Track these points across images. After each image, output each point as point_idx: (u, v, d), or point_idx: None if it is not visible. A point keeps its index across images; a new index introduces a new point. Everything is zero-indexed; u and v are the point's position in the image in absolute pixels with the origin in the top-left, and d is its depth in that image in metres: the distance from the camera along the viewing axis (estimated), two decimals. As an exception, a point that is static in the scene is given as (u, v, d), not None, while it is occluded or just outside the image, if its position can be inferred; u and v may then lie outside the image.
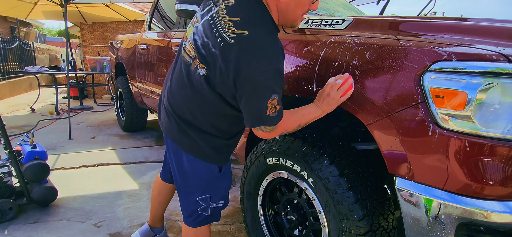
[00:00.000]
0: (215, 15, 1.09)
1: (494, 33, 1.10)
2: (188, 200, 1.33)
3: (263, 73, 1.01)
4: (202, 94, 1.14)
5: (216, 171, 1.30)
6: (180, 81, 1.22)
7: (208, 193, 1.30)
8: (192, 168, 1.27)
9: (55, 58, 12.41)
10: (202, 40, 1.11)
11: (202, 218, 1.35)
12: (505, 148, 0.92)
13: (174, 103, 1.24)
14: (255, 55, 1.00)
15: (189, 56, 1.17)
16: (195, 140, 1.23)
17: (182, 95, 1.21)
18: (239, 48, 1.00)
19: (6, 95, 7.52)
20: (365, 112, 1.17)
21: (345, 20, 1.42)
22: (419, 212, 1.06)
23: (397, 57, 1.09)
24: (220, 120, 1.21)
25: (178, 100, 1.23)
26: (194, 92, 1.16)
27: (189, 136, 1.23)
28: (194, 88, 1.16)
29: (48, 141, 3.97)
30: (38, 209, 2.31)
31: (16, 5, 6.56)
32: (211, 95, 1.13)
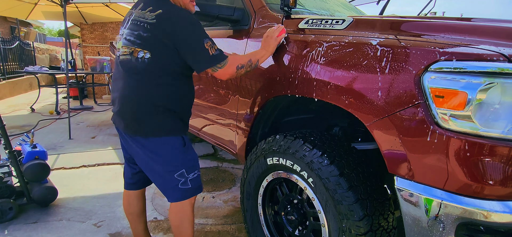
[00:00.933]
0: (134, 17, 1.41)
1: (494, 33, 1.10)
2: (167, 181, 1.48)
3: (186, 26, 1.33)
4: (148, 75, 1.37)
5: (180, 146, 1.47)
6: (122, 81, 1.43)
7: (182, 168, 1.47)
8: (157, 151, 1.44)
9: (55, 58, 12.40)
10: (133, 35, 1.38)
11: (185, 191, 1.50)
12: (505, 148, 0.92)
13: (124, 101, 1.42)
14: (174, 19, 1.32)
15: (126, 55, 1.40)
16: (151, 120, 1.41)
17: (128, 91, 1.41)
18: (161, 21, 1.32)
19: (6, 95, 7.52)
20: (365, 112, 1.17)
21: (345, 20, 1.42)
22: (419, 212, 1.06)
23: (397, 57, 1.09)
24: (167, 95, 1.41)
25: (125, 98, 1.42)
26: (139, 79, 1.38)
27: (144, 120, 1.41)
28: (139, 75, 1.38)
29: (48, 141, 3.97)
30: (38, 209, 2.31)
31: (16, 5, 6.56)
32: (159, 72, 1.37)
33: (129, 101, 1.41)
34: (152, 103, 1.40)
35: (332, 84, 1.29)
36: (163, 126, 1.43)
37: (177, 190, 1.48)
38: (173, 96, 1.43)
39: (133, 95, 1.40)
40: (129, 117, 1.43)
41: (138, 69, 1.37)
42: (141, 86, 1.39)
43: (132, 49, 1.37)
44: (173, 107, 1.44)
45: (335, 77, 1.28)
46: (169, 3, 1.38)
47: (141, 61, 1.35)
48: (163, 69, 1.38)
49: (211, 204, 2.48)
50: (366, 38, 1.23)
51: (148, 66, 1.35)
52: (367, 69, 1.17)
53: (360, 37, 1.26)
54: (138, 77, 1.38)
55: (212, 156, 3.64)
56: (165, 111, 1.42)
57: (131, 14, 1.46)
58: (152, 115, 1.41)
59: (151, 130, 1.42)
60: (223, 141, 2.17)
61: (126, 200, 1.76)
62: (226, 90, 1.97)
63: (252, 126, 1.80)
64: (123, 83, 1.43)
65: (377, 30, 1.31)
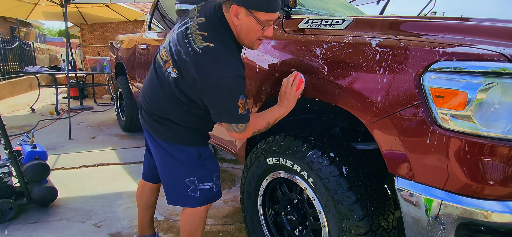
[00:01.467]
0: (188, 28, 1.30)
1: (494, 33, 1.10)
2: (177, 185, 1.47)
3: (228, 77, 1.21)
4: (172, 94, 1.34)
5: (195, 156, 1.45)
6: (152, 82, 1.43)
7: (193, 176, 1.45)
8: (173, 154, 1.44)
9: (55, 58, 12.40)
10: (176, 48, 1.31)
11: (193, 199, 1.47)
12: (505, 148, 0.92)
13: (149, 100, 1.44)
14: (219, 63, 1.21)
15: (162, 59, 1.39)
16: (170, 129, 1.41)
17: (154, 94, 1.41)
18: (206, 57, 1.21)
19: (6, 95, 7.52)
20: (365, 112, 1.17)
21: (345, 20, 1.42)
22: (419, 212, 1.06)
23: (397, 57, 1.09)
24: (188, 116, 1.39)
25: (151, 98, 1.43)
26: (165, 92, 1.36)
27: (165, 126, 1.41)
28: (164, 89, 1.36)
29: (48, 141, 3.97)
30: (38, 209, 2.31)
31: (16, 5, 6.56)
32: (181, 96, 1.33)
33: (153, 105, 1.42)
34: (173, 118, 1.39)
35: (332, 84, 1.29)
36: (181, 137, 1.43)
37: (184, 195, 1.47)
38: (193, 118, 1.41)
39: (157, 102, 1.41)
40: (151, 119, 1.44)
41: (164, 82, 1.36)
42: (165, 99, 1.38)
43: (168, 59, 1.35)
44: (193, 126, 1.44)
45: (335, 77, 1.28)
46: (227, 43, 1.26)
47: (167, 76, 1.34)
48: (186, 96, 1.33)
49: (211, 204, 2.48)
50: (366, 38, 1.23)
51: (173, 85, 1.32)
52: (367, 69, 1.17)
53: (360, 37, 1.26)
54: (164, 89, 1.37)
55: (212, 156, 3.64)
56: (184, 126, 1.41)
57: (188, 21, 1.34)
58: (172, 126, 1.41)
59: (169, 137, 1.43)
60: (223, 141, 2.17)
61: (140, 189, 1.80)
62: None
63: (252, 126, 1.80)
64: (153, 84, 1.43)
65: (377, 30, 1.31)
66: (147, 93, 1.45)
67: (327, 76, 1.31)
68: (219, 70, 1.20)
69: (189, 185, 1.45)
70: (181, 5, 1.83)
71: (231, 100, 1.23)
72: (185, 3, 1.83)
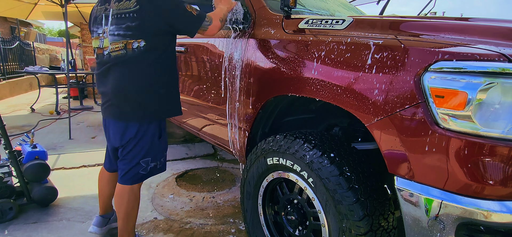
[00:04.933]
0: (114, 11, 1.49)
1: (494, 33, 1.10)
2: (131, 163, 1.60)
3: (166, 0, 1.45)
4: (142, 62, 1.48)
5: (156, 136, 1.61)
6: (117, 73, 1.51)
7: (149, 156, 1.62)
8: (137, 135, 1.57)
9: (55, 58, 12.40)
10: (121, 28, 1.46)
11: (140, 176, 1.64)
12: (505, 148, 0.92)
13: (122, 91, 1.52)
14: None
15: (119, 50, 1.49)
16: (137, 104, 1.53)
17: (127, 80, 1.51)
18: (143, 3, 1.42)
19: (6, 95, 7.52)
20: (365, 112, 1.17)
21: (345, 20, 1.42)
22: (419, 212, 1.06)
23: (397, 57, 1.09)
24: (154, 70, 1.53)
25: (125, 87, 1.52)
26: (132, 68, 1.49)
27: (132, 105, 1.53)
28: (133, 64, 1.48)
29: (48, 141, 3.97)
30: (38, 209, 2.31)
31: (16, 5, 6.56)
32: (151, 54, 1.49)
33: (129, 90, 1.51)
34: (153, 86, 1.53)
35: (332, 84, 1.29)
36: (146, 111, 1.56)
37: (137, 174, 1.62)
38: (168, 74, 1.59)
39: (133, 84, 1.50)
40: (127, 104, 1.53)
41: (135, 59, 1.47)
42: (140, 73, 1.49)
43: (125, 42, 1.46)
44: (168, 86, 1.61)
45: (335, 77, 1.28)
46: None
47: (138, 51, 1.46)
48: (159, 51, 1.51)
49: (211, 204, 2.48)
50: (366, 38, 1.22)
51: (145, 53, 1.47)
52: (367, 69, 1.17)
53: (360, 37, 1.26)
54: (137, 66, 1.48)
55: (212, 156, 3.64)
56: (161, 92, 1.57)
57: (107, 9, 1.52)
58: (151, 99, 1.55)
59: (133, 115, 1.55)
60: (223, 141, 2.17)
61: (107, 179, 1.90)
62: (226, 90, 1.97)
63: (252, 126, 1.80)
64: (118, 76, 1.51)
65: (377, 30, 1.31)
66: (116, 88, 1.52)
67: (327, 76, 1.31)
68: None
69: (142, 164, 1.61)
70: (181, 5, 1.82)
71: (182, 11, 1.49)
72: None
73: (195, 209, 2.40)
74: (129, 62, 1.48)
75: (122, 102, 1.54)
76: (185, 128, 2.87)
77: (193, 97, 2.44)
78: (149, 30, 1.45)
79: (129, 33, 1.45)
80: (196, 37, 2.39)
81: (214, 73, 2.08)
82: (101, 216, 1.98)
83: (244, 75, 1.78)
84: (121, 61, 1.49)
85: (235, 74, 1.86)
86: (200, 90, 2.31)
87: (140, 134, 1.57)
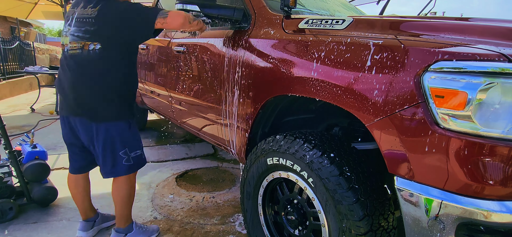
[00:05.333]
0: (78, 15, 1.64)
1: (494, 33, 1.10)
2: (113, 159, 1.72)
3: (121, 4, 1.62)
4: (97, 64, 1.60)
5: (126, 128, 1.73)
6: (75, 72, 1.63)
7: (125, 147, 1.73)
8: (109, 133, 1.68)
9: (55, 58, 12.40)
10: (80, 31, 1.61)
11: (127, 167, 1.76)
12: (505, 148, 0.92)
13: (79, 91, 1.63)
14: (111, 4, 1.60)
15: (76, 49, 1.61)
16: (106, 108, 1.65)
17: (82, 80, 1.62)
18: (103, 10, 1.58)
19: (6, 95, 7.52)
20: (365, 112, 1.17)
21: (345, 20, 1.42)
22: (419, 212, 1.06)
23: (397, 57, 1.09)
24: (117, 75, 1.65)
25: (81, 87, 1.63)
26: (92, 69, 1.61)
27: (100, 107, 1.64)
28: (92, 65, 1.60)
29: (48, 141, 3.97)
30: (38, 209, 2.31)
31: (16, 5, 6.57)
32: (108, 57, 1.61)
33: (84, 90, 1.62)
34: (106, 90, 1.63)
35: (332, 84, 1.29)
36: (114, 112, 1.67)
37: (122, 166, 1.74)
38: (124, 80, 1.69)
39: (88, 84, 1.62)
40: (85, 105, 1.64)
41: (90, 60, 1.59)
42: (95, 75, 1.61)
43: (82, 43, 1.60)
44: (124, 92, 1.70)
45: (335, 77, 1.28)
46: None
47: (93, 53, 1.59)
48: (114, 56, 1.62)
49: (211, 204, 2.48)
50: (366, 38, 1.22)
51: (100, 55, 1.59)
52: (367, 69, 1.17)
53: (360, 37, 1.26)
54: (91, 67, 1.60)
55: (212, 156, 3.64)
56: (117, 97, 1.67)
57: (74, 13, 1.67)
58: (106, 102, 1.64)
59: (104, 116, 1.65)
60: (223, 141, 2.17)
61: (74, 182, 1.95)
62: (226, 90, 1.97)
63: (252, 126, 1.80)
64: (76, 75, 1.62)
65: (377, 30, 1.31)
66: (72, 86, 1.63)
67: (327, 76, 1.31)
68: (117, 5, 1.61)
69: (123, 156, 1.73)
70: (182, 5, 1.83)
71: (136, 9, 1.62)
72: (185, 3, 1.83)
73: (195, 209, 2.40)
74: (84, 63, 1.60)
75: (80, 103, 1.65)
76: (185, 128, 2.87)
77: (193, 97, 2.44)
78: (105, 34, 1.59)
79: (86, 36, 1.59)
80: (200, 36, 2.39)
81: (214, 73, 2.08)
82: (84, 221, 2.02)
83: (244, 75, 1.78)
84: (77, 60, 1.61)
85: (235, 74, 1.86)
86: (200, 90, 2.31)
87: (108, 132, 1.68)
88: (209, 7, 1.81)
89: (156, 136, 4.36)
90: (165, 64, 2.88)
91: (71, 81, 1.63)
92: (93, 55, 1.59)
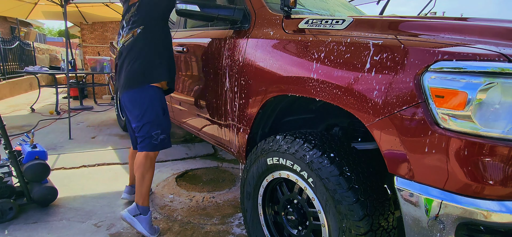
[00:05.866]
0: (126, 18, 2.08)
1: (494, 33, 1.10)
2: (144, 132, 2.01)
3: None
4: (139, 42, 1.98)
5: (160, 113, 2.03)
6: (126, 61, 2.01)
7: (158, 129, 2.03)
8: (146, 102, 1.99)
9: (55, 58, 12.40)
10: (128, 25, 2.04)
11: (154, 145, 2.04)
12: (505, 148, 0.92)
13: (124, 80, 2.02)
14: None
15: (128, 40, 2.02)
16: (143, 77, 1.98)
17: (127, 64, 2.00)
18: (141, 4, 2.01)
19: (6, 95, 7.52)
20: (365, 112, 1.17)
21: (345, 20, 1.42)
22: (419, 212, 1.06)
23: (397, 57, 1.09)
24: (149, 46, 2.00)
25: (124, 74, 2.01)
26: (134, 48, 1.99)
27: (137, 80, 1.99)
28: (134, 46, 1.99)
29: (48, 141, 3.97)
30: (38, 209, 2.31)
31: (16, 5, 6.55)
32: (147, 34, 1.99)
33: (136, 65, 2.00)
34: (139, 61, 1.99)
35: (332, 84, 1.29)
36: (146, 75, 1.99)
37: (150, 144, 2.02)
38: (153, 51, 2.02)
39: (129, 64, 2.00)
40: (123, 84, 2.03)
41: (136, 42, 1.99)
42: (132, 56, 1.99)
43: (131, 35, 2.00)
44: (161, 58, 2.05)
45: (335, 77, 1.28)
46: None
47: (138, 36, 1.98)
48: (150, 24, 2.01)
49: (211, 204, 2.48)
50: (366, 38, 1.22)
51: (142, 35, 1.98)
52: (367, 69, 1.17)
53: (360, 37, 1.26)
54: (134, 48, 1.99)
55: (212, 156, 3.64)
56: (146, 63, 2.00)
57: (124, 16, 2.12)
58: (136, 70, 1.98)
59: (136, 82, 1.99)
60: (223, 141, 2.17)
61: (132, 156, 2.38)
62: (226, 90, 1.97)
63: (252, 126, 1.80)
64: (125, 60, 2.03)
65: (377, 30, 1.31)
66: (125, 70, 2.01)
67: (327, 76, 1.31)
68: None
69: (153, 135, 2.01)
70: (182, 5, 1.83)
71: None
72: (186, 3, 1.83)
73: (195, 209, 2.40)
74: (131, 48, 1.99)
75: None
76: (185, 128, 2.87)
77: (193, 97, 2.44)
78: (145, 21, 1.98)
79: (132, 26, 2.00)
80: (196, 36, 2.39)
81: (214, 73, 2.08)
82: (130, 186, 2.47)
83: (244, 75, 1.78)
84: (130, 48, 1.99)
85: (235, 74, 1.86)
86: (200, 90, 2.31)
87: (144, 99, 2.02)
88: (209, 7, 1.81)
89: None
90: (165, 64, 2.88)
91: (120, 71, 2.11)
92: (136, 39, 1.99)
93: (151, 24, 1.99)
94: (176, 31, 2.83)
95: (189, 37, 2.52)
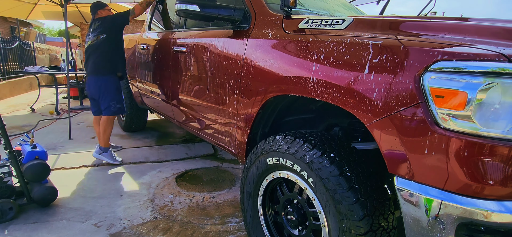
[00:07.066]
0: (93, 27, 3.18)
1: (494, 33, 1.10)
2: (107, 102, 3.14)
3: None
4: (102, 47, 3.08)
5: (115, 91, 3.17)
6: (92, 55, 3.14)
7: (114, 101, 3.17)
8: (107, 85, 3.12)
9: (55, 58, 12.39)
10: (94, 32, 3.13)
11: (112, 111, 3.18)
12: (505, 148, 0.92)
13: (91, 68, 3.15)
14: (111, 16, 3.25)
15: (94, 42, 3.10)
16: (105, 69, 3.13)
17: (93, 58, 3.12)
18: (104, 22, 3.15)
19: (6, 95, 7.52)
20: (365, 112, 1.17)
21: (345, 20, 1.42)
22: (419, 212, 1.06)
23: (397, 57, 1.09)
24: (109, 48, 3.12)
25: (91, 64, 3.14)
26: (99, 50, 3.09)
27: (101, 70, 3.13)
28: (99, 49, 3.09)
29: (48, 141, 3.97)
30: (38, 209, 2.31)
31: (16, 5, 6.56)
32: (110, 41, 3.10)
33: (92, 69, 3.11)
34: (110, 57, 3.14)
35: (332, 84, 1.29)
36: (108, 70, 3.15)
37: (111, 110, 3.18)
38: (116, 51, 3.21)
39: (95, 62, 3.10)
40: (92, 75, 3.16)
41: (98, 46, 3.09)
42: (97, 57, 3.10)
43: (96, 38, 3.07)
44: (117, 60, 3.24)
45: (335, 77, 1.28)
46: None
47: (101, 40, 3.08)
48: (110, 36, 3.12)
49: (211, 204, 2.48)
50: (366, 38, 1.23)
51: (104, 41, 3.09)
52: (367, 69, 1.17)
53: (360, 37, 1.26)
54: (98, 50, 3.09)
55: (212, 156, 3.64)
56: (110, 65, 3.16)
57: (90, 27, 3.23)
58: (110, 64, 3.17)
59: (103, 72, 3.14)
60: (223, 141, 2.17)
61: (96, 122, 3.36)
62: (226, 90, 1.97)
63: (252, 126, 1.80)
64: (93, 55, 3.12)
65: (377, 30, 1.31)
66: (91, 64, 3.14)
67: (327, 76, 1.31)
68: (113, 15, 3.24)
69: (112, 105, 3.15)
70: (182, 5, 1.83)
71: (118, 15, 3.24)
72: (185, 3, 1.83)
73: (195, 209, 2.40)
74: (97, 47, 3.08)
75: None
76: (185, 127, 2.87)
77: (193, 97, 2.44)
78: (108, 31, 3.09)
79: (97, 31, 3.08)
80: (196, 36, 2.39)
81: (214, 73, 2.09)
82: (99, 147, 3.34)
83: (244, 75, 1.78)
84: (94, 48, 3.08)
85: (235, 74, 1.86)
86: (200, 90, 2.31)
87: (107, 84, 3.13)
88: (209, 7, 1.81)
89: (156, 136, 4.36)
90: (165, 64, 2.88)
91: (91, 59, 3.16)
92: (99, 43, 3.08)
93: (111, 34, 3.10)
94: (176, 31, 2.83)
95: (189, 37, 2.52)
